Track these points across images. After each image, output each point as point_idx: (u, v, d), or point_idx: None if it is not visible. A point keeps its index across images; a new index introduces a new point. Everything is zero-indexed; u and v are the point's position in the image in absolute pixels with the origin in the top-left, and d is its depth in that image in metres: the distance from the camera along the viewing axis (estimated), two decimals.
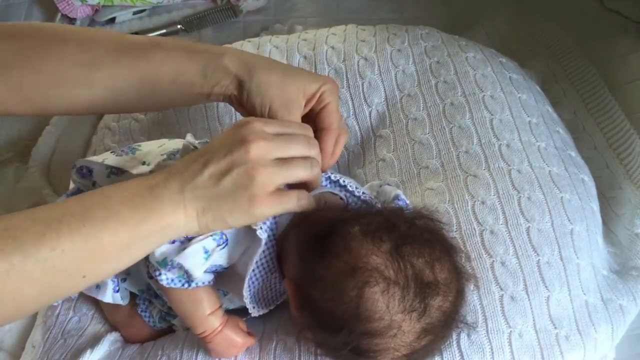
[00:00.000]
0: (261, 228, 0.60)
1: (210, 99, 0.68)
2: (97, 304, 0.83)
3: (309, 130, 0.62)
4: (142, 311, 0.78)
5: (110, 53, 0.66)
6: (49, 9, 1.31)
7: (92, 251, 0.52)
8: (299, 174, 0.58)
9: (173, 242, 0.60)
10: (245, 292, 0.63)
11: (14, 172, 1.07)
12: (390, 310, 0.55)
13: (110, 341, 0.77)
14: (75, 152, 1.08)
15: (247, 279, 0.62)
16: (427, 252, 0.58)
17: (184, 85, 0.67)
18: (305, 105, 0.66)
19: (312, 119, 0.68)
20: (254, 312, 0.66)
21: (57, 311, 0.82)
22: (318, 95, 0.66)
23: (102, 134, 1.03)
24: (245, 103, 0.66)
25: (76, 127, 1.12)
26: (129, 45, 0.67)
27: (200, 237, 0.59)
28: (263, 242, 0.61)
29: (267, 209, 0.57)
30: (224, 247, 0.62)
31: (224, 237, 0.61)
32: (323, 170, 0.66)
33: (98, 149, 1.01)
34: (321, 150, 0.65)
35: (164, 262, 0.61)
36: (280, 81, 0.65)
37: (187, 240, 0.60)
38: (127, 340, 0.79)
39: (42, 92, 0.66)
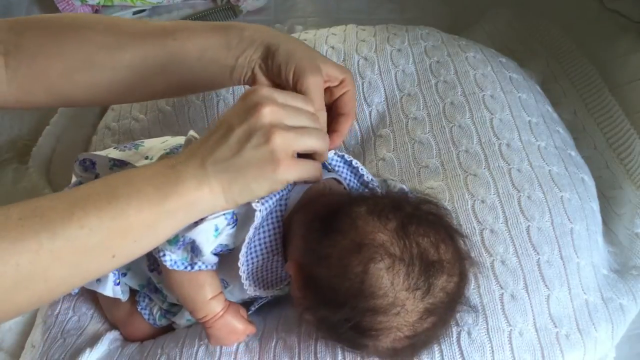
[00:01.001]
0: (262, 204, 0.61)
1: (233, 76, 0.68)
2: (96, 303, 0.83)
3: (312, 105, 0.62)
4: (142, 309, 0.78)
5: (137, 35, 0.66)
6: (49, 9, 1.32)
7: (119, 229, 0.53)
8: (314, 142, 0.59)
9: None
10: (242, 266, 0.63)
11: (13, 173, 1.07)
12: (394, 287, 0.55)
13: (109, 340, 0.77)
14: (75, 152, 1.07)
15: (244, 250, 0.62)
16: (432, 233, 0.58)
17: (210, 59, 0.67)
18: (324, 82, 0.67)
19: (330, 102, 0.70)
20: (250, 290, 0.66)
21: (57, 311, 0.82)
22: (341, 78, 0.68)
23: (102, 134, 1.03)
24: (270, 67, 0.66)
25: (76, 127, 1.12)
26: (154, 28, 0.68)
27: (213, 215, 0.60)
28: (258, 215, 0.61)
29: (289, 173, 0.56)
30: (233, 227, 0.62)
31: (234, 216, 0.62)
32: (330, 149, 0.67)
33: (98, 149, 1.01)
34: (336, 132, 0.67)
35: (175, 240, 0.61)
36: (308, 50, 0.67)
37: (199, 219, 0.60)
38: (127, 339, 0.79)
39: (68, 78, 0.66)
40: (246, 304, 0.71)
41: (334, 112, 0.70)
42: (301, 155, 0.59)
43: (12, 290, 0.49)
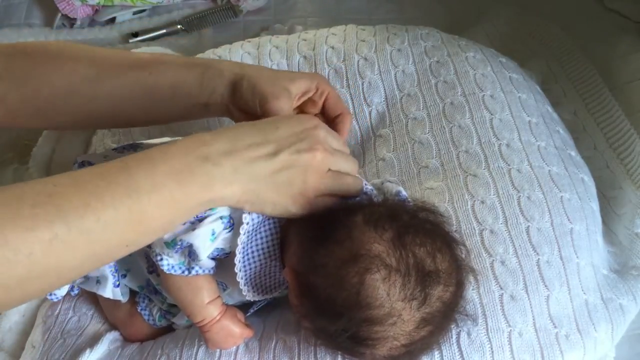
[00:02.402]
0: (249, 213, 0.61)
1: (209, 111, 0.71)
2: (96, 304, 0.83)
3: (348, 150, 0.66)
4: (142, 309, 0.78)
5: (116, 68, 0.69)
6: (49, 9, 1.31)
7: (136, 222, 0.52)
8: (350, 188, 0.63)
9: (184, 224, 0.61)
10: (239, 272, 0.63)
11: (14, 173, 1.07)
12: (390, 298, 0.56)
13: (109, 340, 0.77)
14: (75, 153, 1.08)
15: (239, 256, 0.62)
16: (428, 242, 0.58)
17: (183, 96, 0.69)
18: (299, 98, 0.70)
19: (320, 111, 0.73)
20: (248, 295, 0.66)
21: (57, 311, 0.82)
22: (314, 88, 0.70)
23: (102, 134, 1.03)
24: (239, 102, 0.68)
25: None
26: (134, 61, 0.70)
27: (210, 219, 0.60)
28: (247, 226, 0.61)
29: (304, 209, 0.60)
30: (229, 232, 0.62)
31: (231, 221, 0.62)
32: None
33: (98, 149, 1.01)
34: (339, 132, 0.70)
35: (173, 243, 0.61)
36: (271, 75, 0.69)
37: (197, 221, 0.61)
38: (127, 339, 0.79)
39: (53, 105, 0.69)
40: (246, 306, 0.71)
41: (328, 117, 0.72)
42: None
43: (24, 280, 0.48)
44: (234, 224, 0.62)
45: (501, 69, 0.91)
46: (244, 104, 0.68)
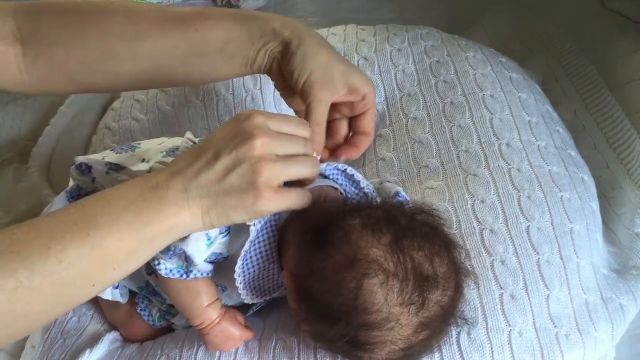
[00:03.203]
0: (254, 225, 0.60)
1: (253, 68, 0.67)
2: (96, 304, 0.83)
3: (307, 128, 0.61)
4: (141, 310, 0.78)
5: (157, 24, 0.65)
6: None
7: (99, 259, 0.51)
8: (303, 171, 0.58)
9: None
10: (238, 277, 0.63)
11: (14, 173, 1.07)
12: (388, 303, 0.55)
13: (109, 340, 0.77)
14: (75, 152, 1.08)
15: (239, 263, 0.62)
16: (427, 246, 0.58)
17: (231, 52, 0.66)
18: (344, 95, 0.66)
19: (349, 117, 0.70)
20: (247, 299, 0.66)
21: None
22: (363, 94, 0.67)
23: (102, 134, 1.03)
24: (285, 67, 0.65)
25: (76, 127, 1.12)
26: (175, 16, 0.66)
27: None
28: (252, 235, 0.61)
29: (270, 205, 0.55)
30: (226, 236, 0.62)
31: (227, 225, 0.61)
32: (348, 158, 0.69)
33: (98, 149, 1.01)
34: (356, 147, 0.69)
35: (166, 249, 0.60)
36: (328, 59, 0.65)
37: None
38: (127, 340, 0.79)
39: (87, 68, 0.65)
40: (245, 306, 0.71)
41: (354, 128, 0.70)
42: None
43: None
44: (230, 229, 0.62)
45: (501, 68, 0.91)
46: (288, 75, 0.65)
